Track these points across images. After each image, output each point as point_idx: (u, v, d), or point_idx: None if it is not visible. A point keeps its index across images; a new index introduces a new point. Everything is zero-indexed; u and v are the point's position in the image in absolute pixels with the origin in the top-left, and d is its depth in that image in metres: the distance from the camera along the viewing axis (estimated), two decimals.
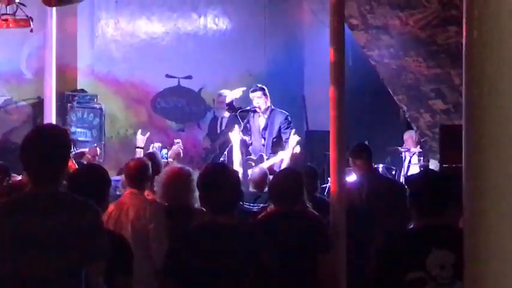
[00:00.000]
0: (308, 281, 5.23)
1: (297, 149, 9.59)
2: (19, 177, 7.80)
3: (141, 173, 6.22)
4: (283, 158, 9.54)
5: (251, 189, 7.92)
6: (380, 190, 7.43)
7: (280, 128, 9.93)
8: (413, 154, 11.82)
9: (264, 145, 10.05)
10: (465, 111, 2.43)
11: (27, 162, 3.81)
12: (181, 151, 9.90)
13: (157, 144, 10.13)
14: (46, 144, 3.78)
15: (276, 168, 9.15)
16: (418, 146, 11.93)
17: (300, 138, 9.73)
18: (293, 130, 9.85)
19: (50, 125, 5.33)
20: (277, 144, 9.85)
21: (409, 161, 11.80)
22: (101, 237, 3.76)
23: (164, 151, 9.92)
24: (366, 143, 8.92)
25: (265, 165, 9.41)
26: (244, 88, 10.30)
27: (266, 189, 7.96)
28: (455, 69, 10.54)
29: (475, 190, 2.40)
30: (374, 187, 7.35)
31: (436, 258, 4.00)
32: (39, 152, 3.75)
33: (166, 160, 9.43)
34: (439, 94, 11.34)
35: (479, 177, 2.38)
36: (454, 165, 9.32)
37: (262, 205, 7.38)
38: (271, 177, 8.08)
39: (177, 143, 10.00)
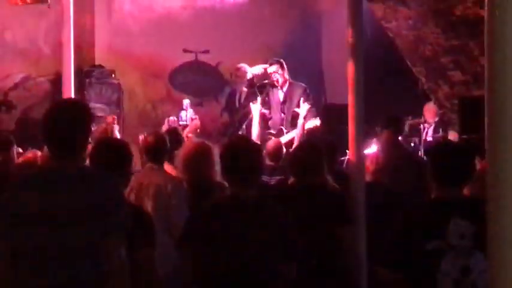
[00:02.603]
0: (328, 253, 5.25)
1: (313, 124, 9.59)
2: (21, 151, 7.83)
3: (159, 147, 6.24)
4: (296, 134, 9.56)
5: (267, 162, 7.94)
6: (401, 162, 7.43)
7: (298, 101, 9.90)
8: (432, 126, 11.78)
9: (283, 119, 10.05)
10: (487, 77, 2.43)
11: (48, 137, 3.83)
12: (199, 125, 9.94)
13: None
14: (67, 118, 3.80)
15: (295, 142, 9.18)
16: (437, 118, 11.89)
17: (309, 106, 9.71)
18: (308, 102, 9.84)
19: (71, 99, 5.34)
20: (297, 117, 9.83)
21: (428, 133, 11.76)
22: (122, 210, 3.79)
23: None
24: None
25: (284, 139, 9.42)
26: (267, 66, 10.28)
27: (281, 162, 8.00)
28: (474, 40, 10.48)
29: (498, 159, 2.41)
30: (394, 158, 7.34)
31: (455, 228, 4.00)
32: (60, 127, 3.77)
33: (185, 123, 9.53)
34: (457, 65, 11.29)
35: (502, 146, 2.39)
36: (473, 136, 9.31)
37: (278, 178, 7.39)
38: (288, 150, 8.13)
39: (195, 118, 10.03)
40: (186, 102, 10.26)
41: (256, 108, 9.94)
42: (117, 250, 3.74)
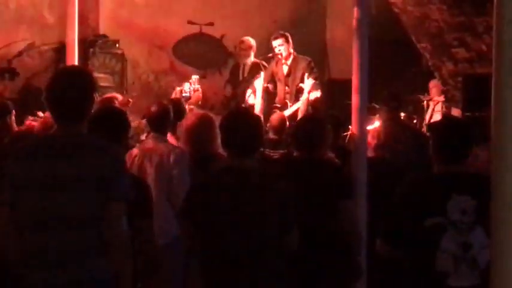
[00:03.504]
0: (328, 228, 5.26)
1: (314, 96, 9.58)
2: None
3: (162, 117, 6.24)
4: (299, 106, 9.56)
5: (271, 135, 7.94)
6: (400, 136, 7.42)
7: (303, 74, 9.89)
8: (437, 103, 11.77)
9: (288, 93, 10.04)
10: (495, 53, 2.43)
11: (52, 104, 3.83)
12: (201, 97, 9.94)
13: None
14: (71, 85, 3.81)
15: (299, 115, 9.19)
16: (442, 95, 11.88)
17: (314, 82, 9.70)
18: (312, 75, 9.83)
19: (74, 66, 5.34)
20: (301, 91, 9.82)
21: (433, 110, 11.76)
22: (123, 180, 3.81)
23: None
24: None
25: (288, 112, 9.42)
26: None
27: (285, 135, 8.01)
28: (479, 18, 10.44)
29: (503, 135, 2.42)
30: (395, 133, 7.34)
31: (456, 203, 4.02)
32: (64, 94, 3.78)
33: (188, 95, 9.52)
34: (462, 43, 11.26)
35: (508, 122, 2.39)
36: (476, 114, 9.31)
37: (282, 151, 7.40)
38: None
39: (197, 89, 10.02)
40: (195, 77, 10.23)
41: (259, 83, 9.94)
42: (118, 220, 3.75)
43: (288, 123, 8.32)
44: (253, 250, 4.23)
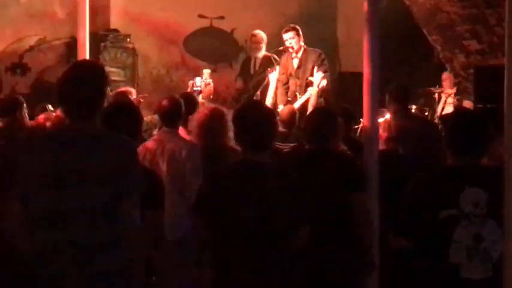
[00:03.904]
0: (340, 221, 5.26)
1: (324, 83, 9.58)
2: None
3: (174, 111, 6.25)
4: (309, 96, 9.55)
5: (280, 128, 7.94)
6: (412, 128, 7.41)
7: (313, 67, 9.88)
8: (449, 95, 11.74)
9: (298, 85, 10.03)
10: (507, 44, 2.42)
11: (65, 99, 3.85)
12: (212, 91, 9.94)
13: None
14: (83, 80, 3.82)
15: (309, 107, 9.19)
16: (455, 87, 11.84)
17: (323, 74, 9.69)
18: (323, 68, 9.82)
19: (87, 60, 5.35)
20: (311, 83, 9.81)
21: (444, 102, 11.73)
22: (136, 172, 3.82)
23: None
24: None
25: (297, 104, 9.42)
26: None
27: (295, 128, 8.01)
28: (491, 9, 10.41)
29: None
30: (406, 126, 7.32)
31: (469, 196, 4.02)
32: (76, 88, 3.79)
33: (199, 89, 9.52)
34: (474, 34, 11.23)
35: None
36: (488, 106, 9.28)
37: (292, 145, 7.39)
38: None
39: (208, 83, 10.02)
40: (206, 72, 10.22)
41: (273, 76, 9.96)
42: (130, 212, 3.77)
43: (297, 115, 8.31)
44: (265, 243, 4.23)
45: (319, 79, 9.58)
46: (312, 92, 9.56)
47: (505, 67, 2.43)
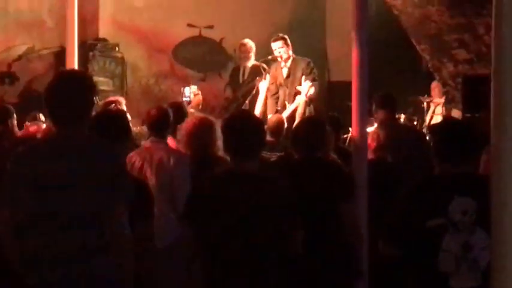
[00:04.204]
0: (330, 230, 5.26)
1: (311, 91, 9.59)
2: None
3: (162, 121, 6.24)
4: (297, 105, 9.57)
5: (268, 137, 7.94)
6: (400, 137, 7.43)
7: (302, 75, 9.89)
8: (438, 104, 11.77)
9: (288, 94, 10.04)
10: (494, 53, 2.42)
11: (52, 107, 3.85)
12: (201, 100, 9.95)
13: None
14: (70, 88, 3.83)
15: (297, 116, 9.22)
16: (444, 97, 11.88)
17: (311, 83, 9.70)
18: (311, 76, 9.83)
19: (74, 70, 5.37)
20: (299, 93, 9.82)
21: (433, 111, 11.76)
22: (126, 180, 3.83)
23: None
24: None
25: (286, 113, 9.43)
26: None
27: (282, 137, 8.01)
28: (479, 19, 10.46)
29: (503, 136, 2.42)
30: (394, 135, 7.34)
31: (458, 204, 4.03)
32: (63, 97, 3.80)
33: (189, 100, 9.54)
34: (462, 44, 11.26)
35: (508, 124, 2.39)
36: (476, 115, 9.31)
37: (279, 154, 7.39)
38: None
39: (197, 93, 10.03)
40: (194, 87, 10.25)
41: (263, 85, 9.98)
42: (119, 220, 3.77)
43: (285, 125, 8.32)
44: (256, 252, 4.23)
45: (307, 88, 9.59)
46: (299, 101, 9.57)
47: (491, 76, 2.43)
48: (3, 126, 6.97)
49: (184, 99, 9.82)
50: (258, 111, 9.72)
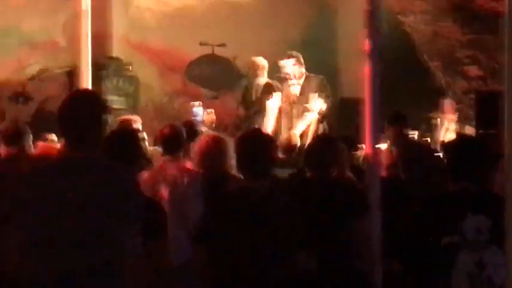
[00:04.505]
0: (343, 247, 5.25)
1: (323, 108, 9.59)
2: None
3: (175, 139, 6.26)
4: (309, 123, 9.57)
5: (280, 155, 7.93)
6: (412, 155, 7.41)
7: (315, 92, 9.89)
8: (451, 121, 11.73)
9: (301, 112, 10.03)
10: (507, 70, 2.43)
11: (64, 128, 3.86)
12: (214, 119, 9.96)
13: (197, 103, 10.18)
14: (81, 108, 3.83)
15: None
16: (457, 113, 11.85)
17: (322, 100, 9.71)
18: (324, 94, 9.84)
19: (85, 90, 5.39)
20: (309, 110, 9.82)
21: (446, 128, 11.72)
22: (137, 201, 3.82)
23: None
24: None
25: (298, 131, 9.43)
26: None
27: (294, 155, 8.01)
28: (491, 35, 10.44)
29: None
30: (406, 152, 7.32)
31: (472, 222, 4.01)
32: (74, 117, 3.80)
33: (201, 119, 9.56)
34: (474, 60, 11.25)
35: None
36: (490, 131, 9.28)
37: (291, 171, 7.39)
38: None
39: (210, 112, 10.04)
40: (200, 111, 10.27)
41: (273, 103, 9.99)
42: (132, 240, 3.76)
43: (297, 142, 8.33)
44: (266, 270, 4.22)
45: (319, 105, 9.59)
46: (312, 119, 9.57)
47: (505, 92, 2.43)
48: (18, 146, 6.99)
49: (193, 118, 9.82)
50: (269, 129, 9.72)
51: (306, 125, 9.63)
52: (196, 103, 10.22)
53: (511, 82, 2.40)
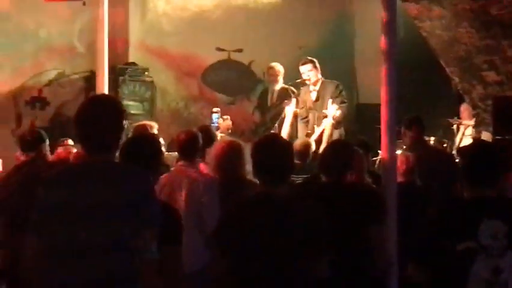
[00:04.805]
0: (360, 253, 5.24)
1: (337, 114, 9.58)
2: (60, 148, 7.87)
3: (191, 144, 6.27)
4: (324, 128, 9.56)
5: (295, 160, 7.92)
6: (429, 160, 7.40)
7: (332, 99, 9.88)
8: (468, 126, 11.70)
9: (317, 118, 10.03)
10: None
11: (81, 132, 3.87)
12: (230, 125, 9.97)
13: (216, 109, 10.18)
14: (99, 113, 3.84)
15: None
16: (473, 119, 11.81)
17: (338, 106, 9.70)
18: (340, 99, 9.84)
19: (103, 95, 5.40)
20: (326, 116, 9.82)
21: (463, 134, 11.69)
22: (153, 206, 3.82)
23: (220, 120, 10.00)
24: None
25: (313, 137, 9.43)
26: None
27: (309, 160, 8.01)
28: (508, 40, 10.40)
29: None
30: (423, 157, 7.31)
31: (487, 228, 3.99)
32: (92, 122, 3.81)
33: (216, 125, 9.57)
34: (491, 66, 11.20)
35: None
36: (507, 137, 9.24)
37: (305, 176, 7.39)
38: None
39: (226, 118, 10.05)
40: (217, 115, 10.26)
41: (290, 109, 10.00)
42: (148, 247, 3.76)
43: (312, 148, 8.33)
44: (284, 276, 4.21)
45: (333, 111, 9.59)
46: (326, 124, 9.57)
47: None
48: (36, 152, 7.01)
49: (212, 125, 9.85)
50: (285, 134, 9.72)
51: (321, 130, 9.63)
52: (215, 110, 10.22)
53: None
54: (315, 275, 4.32)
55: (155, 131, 7.67)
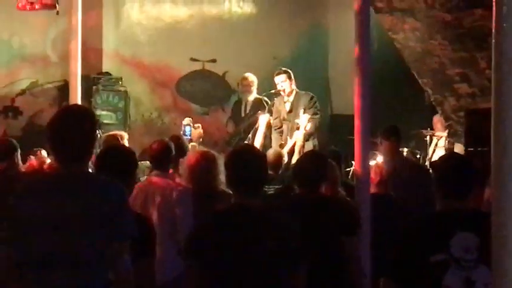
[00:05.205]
0: (333, 264, 5.24)
1: (308, 127, 9.58)
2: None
3: (164, 154, 6.25)
4: (296, 140, 9.56)
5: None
6: (402, 172, 7.42)
7: (304, 110, 9.89)
8: (441, 138, 11.77)
9: (290, 129, 10.04)
10: (494, 90, 2.43)
11: (54, 143, 3.84)
12: (202, 133, 9.95)
13: (187, 120, 10.12)
14: (72, 124, 3.81)
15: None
16: (446, 130, 11.87)
17: (309, 116, 9.69)
18: (312, 111, 9.84)
19: (76, 105, 5.38)
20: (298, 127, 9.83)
21: (436, 145, 11.75)
22: (127, 217, 3.79)
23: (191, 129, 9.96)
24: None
25: (286, 148, 9.43)
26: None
27: (281, 171, 8.01)
28: (481, 53, 10.46)
29: (503, 171, 2.41)
30: (397, 169, 7.33)
31: (460, 241, 4.00)
32: (65, 132, 3.78)
33: (189, 137, 9.52)
34: (464, 78, 11.26)
35: (508, 158, 2.39)
36: (479, 149, 9.28)
37: (278, 187, 7.39)
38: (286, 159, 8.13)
39: (198, 127, 10.02)
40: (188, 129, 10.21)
41: (263, 119, 9.99)
42: (122, 258, 3.74)
43: (284, 159, 8.34)
44: None
45: (305, 122, 9.58)
46: (298, 136, 9.56)
47: (492, 110, 2.43)
48: (8, 161, 6.97)
49: (185, 137, 9.82)
50: (258, 144, 9.72)
51: (293, 141, 9.63)
52: (186, 120, 10.18)
53: (497, 100, 2.41)
54: (291, 286, 4.31)
55: (126, 142, 7.63)
